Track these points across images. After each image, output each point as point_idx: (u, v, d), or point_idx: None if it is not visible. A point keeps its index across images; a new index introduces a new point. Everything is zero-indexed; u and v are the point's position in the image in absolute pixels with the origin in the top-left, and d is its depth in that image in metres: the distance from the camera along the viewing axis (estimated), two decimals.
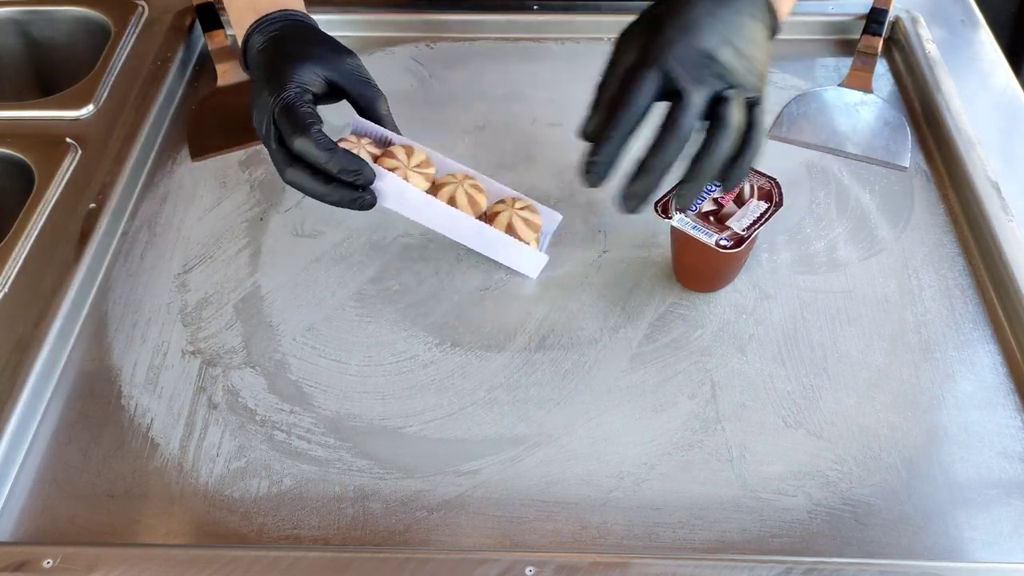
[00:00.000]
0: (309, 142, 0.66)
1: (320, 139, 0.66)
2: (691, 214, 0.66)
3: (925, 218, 0.76)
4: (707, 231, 0.65)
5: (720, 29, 0.62)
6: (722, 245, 0.64)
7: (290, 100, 0.67)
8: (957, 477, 0.60)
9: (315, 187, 0.68)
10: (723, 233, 0.64)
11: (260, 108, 0.68)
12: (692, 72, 0.60)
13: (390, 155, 0.71)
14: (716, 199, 0.66)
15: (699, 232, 0.65)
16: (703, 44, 0.61)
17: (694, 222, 0.65)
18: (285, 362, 0.67)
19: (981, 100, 0.86)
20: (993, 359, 0.67)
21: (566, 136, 0.84)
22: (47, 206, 0.77)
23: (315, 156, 0.66)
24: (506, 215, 0.71)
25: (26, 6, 0.97)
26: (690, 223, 0.65)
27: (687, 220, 0.65)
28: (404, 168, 0.70)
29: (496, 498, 0.60)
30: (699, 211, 0.66)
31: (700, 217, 0.66)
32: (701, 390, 0.65)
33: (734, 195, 0.67)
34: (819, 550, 0.57)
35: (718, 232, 0.64)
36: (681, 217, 0.66)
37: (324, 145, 0.66)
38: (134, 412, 0.65)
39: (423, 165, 0.71)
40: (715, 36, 0.62)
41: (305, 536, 0.58)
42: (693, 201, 0.63)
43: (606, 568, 0.54)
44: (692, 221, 0.65)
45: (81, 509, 0.60)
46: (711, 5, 0.63)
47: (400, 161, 0.71)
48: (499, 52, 0.93)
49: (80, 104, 0.86)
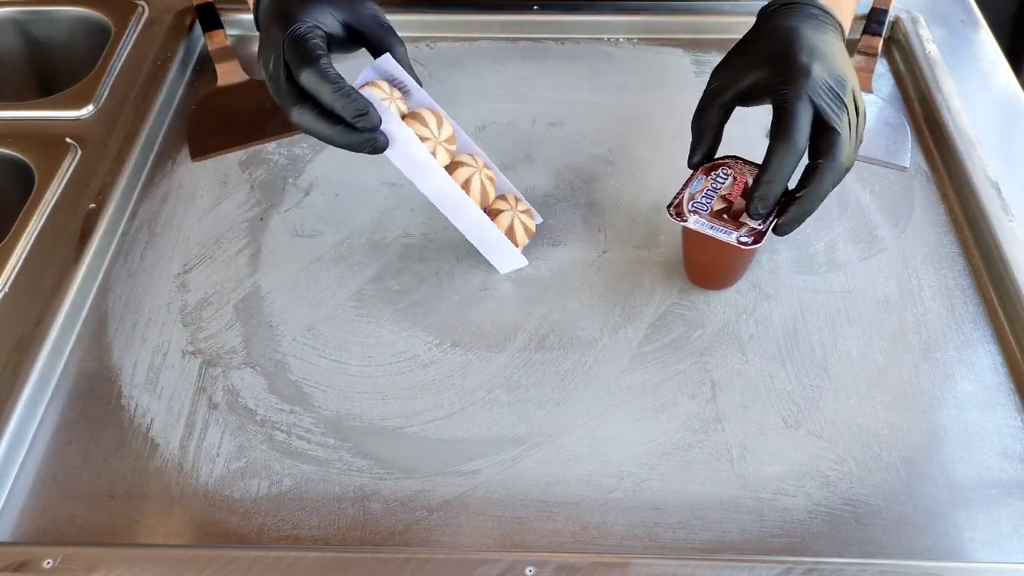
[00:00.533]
0: (317, 74, 0.63)
1: (329, 72, 0.63)
2: (705, 214, 0.65)
3: (925, 218, 0.76)
4: (725, 230, 0.64)
5: (839, 56, 0.65)
6: (743, 242, 0.64)
7: (301, 33, 0.64)
8: (957, 477, 0.60)
9: (322, 127, 0.65)
10: (741, 230, 0.64)
11: (268, 45, 0.66)
12: (834, 102, 0.62)
13: (420, 121, 0.68)
14: (724, 196, 0.66)
15: (718, 232, 0.64)
16: (837, 70, 0.63)
17: (710, 222, 0.65)
18: (285, 362, 0.67)
19: (981, 100, 0.86)
20: (993, 359, 0.67)
21: (566, 136, 0.84)
22: (47, 206, 0.77)
23: (321, 89, 0.63)
24: (508, 215, 0.71)
25: (26, 6, 0.97)
26: (707, 224, 0.65)
27: (703, 221, 0.65)
28: (435, 140, 0.68)
29: (496, 498, 0.60)
30: (711, 210, 0.66)
31: (714, 216, 0.65)
32: (701, 390, 0.65)
33: (740, 190, 0.67)
34: (819, 550, 0.57)
35: (735, 229, 0.64)
36: (697, 218, 0.65)
37: (333, 78, 0.63)
38: (134, 412, 0.65)
39: (449, 141, 0.70)
40: (840, 62, 0.64)
41: (305, 536, 0.58)
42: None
43: (606, 568, 0.54)
44: (708, 221, 0.65)
45: (81, 509, 0.60)
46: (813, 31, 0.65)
47: (431, 131, 0.68)
48: (499, 52, 0.93)
49: (80, 104, 0.86)
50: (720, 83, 0.66)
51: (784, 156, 0.61)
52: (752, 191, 0.63)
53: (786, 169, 0.62)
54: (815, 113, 0.62)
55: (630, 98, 0.87)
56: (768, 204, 0.63)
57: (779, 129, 0.61)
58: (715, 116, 0.66)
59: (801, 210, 0.63)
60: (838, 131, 0.62)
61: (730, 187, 0.67)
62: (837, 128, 0.62)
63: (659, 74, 0.90)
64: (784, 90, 0.62)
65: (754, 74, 0.64)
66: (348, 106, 0.63)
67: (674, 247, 0.74)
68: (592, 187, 0.79)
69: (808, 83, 0.61)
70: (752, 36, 0.68)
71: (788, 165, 0.61)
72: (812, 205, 0.63)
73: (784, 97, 0.62)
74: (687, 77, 0.90)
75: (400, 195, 0.79)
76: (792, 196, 0.64)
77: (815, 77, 0.62)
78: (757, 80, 0.64)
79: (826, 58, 0.64)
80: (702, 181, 0.67)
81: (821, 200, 0.63)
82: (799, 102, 0.61)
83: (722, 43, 0.92)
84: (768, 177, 0.62)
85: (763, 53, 0.65)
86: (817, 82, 0.62)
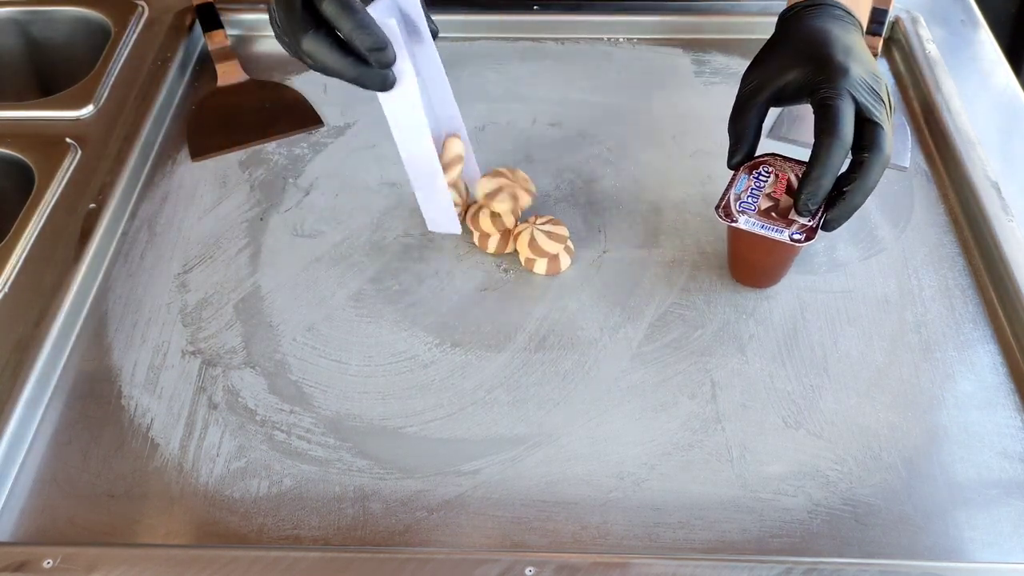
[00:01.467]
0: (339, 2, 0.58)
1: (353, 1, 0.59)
2: (753, 213, 0.66)
3: (925, 218, 0.76)
4: (777, 228, 0.65)
5: (869, 55, 0.67)
6: (796, 239, 0.64)
7: None
8: (957, 477, 0.60)
9: (333, 58, 0.60)
10: (791, 227, 0.65)
11: None
12: (872, 98, 0.63)
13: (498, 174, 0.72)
14: (769, 194, 0.67)
15: (770, 231, 0.65)
16: (870, 68, 0.65)
17: (760, 221, 0.65)
18: (285, 362, 0.67)
19: (981, 100, 0.86)
20: (993, 359, 0.67)
21: (566, 136, 0.84)
22: (47, 206, 0.77)
23: (342, 18, 0.59)
24: (528, 232, 0.71)
25: (26, 6, 0.97)
26: (758, 223, 0.65)
27: (754, 220, 0.65)
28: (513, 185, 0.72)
29: (496, 498, 0.60)
30: (759, 209, 0.66)
31: (762, 215, 0.66)
32: (701, 390, 0.65)
33: (784, 187, 0.67)
34: (819, 550, 0.57)
35: (786, 227, 0.65)
36: (747, 218, 0.65)
37: (356, 7, 0.59)
38: (134, 412, 0.65)
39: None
40: (871, 61, 0.66)
41: (305, 536, 0.58)
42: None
43: (606, 568, 0.54)
44: (758, 220, 0.65)
45: (81, 509, 0.60)
46: (842, 31, 0.67)
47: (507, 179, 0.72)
48: (499, 52, 0.93)
49: (80, 104, 0.86)
50: (756, 84, 0.67)
51: (832, 151, 0.62)
52: (802, 187, 0.63)
53: (835, 164, 0.62)
54: (856, 109, 0.63)
55: (630, 98, 0.87)
56: (818, 200, 0.63)
57: (826, 124, 0.62)
58: (753, 117, 0.67)
59: (850, 204, 0.64)
60: (880, 125, 0.63)
61: (773, 184, 0.67)
62: (879, 121, 0.63)
63: (659, 74, 0.90)
64: (825, 89, 0.63)
65: (790, 74, 0.65)
66: (367, 39, 0.60)
67: (675, 247, 0.74)
68: (592, 187, 0.79)
69: (847, 80, 0.63)
70: (780, 38, 0.69)
71: (837, 160, 0.62)
72: (860, 199, 0.64)
73: (827, 95, 0.63)
74: (687, 77, 0.90)
75: (400, 195, 0.79)
76: (839, 192, 0.64)
77: (853, 75, 0.63)
78: (794, 80, 0.65)
79: (860, 57, 0.65)
80: (746, 180, 0.68)
81: (868, 193, 0.63)
82: (841, 99, 0.62)
83: (722, 43, 0.93)
84: (817, 173, 0.62)
85: (798, 54, 0.66)
86: (856, 79, 0.63)
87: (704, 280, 0.72)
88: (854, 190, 0.63)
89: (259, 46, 0.95)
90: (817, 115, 0.63)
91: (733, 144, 0.68)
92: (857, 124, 0.63)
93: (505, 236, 0.73)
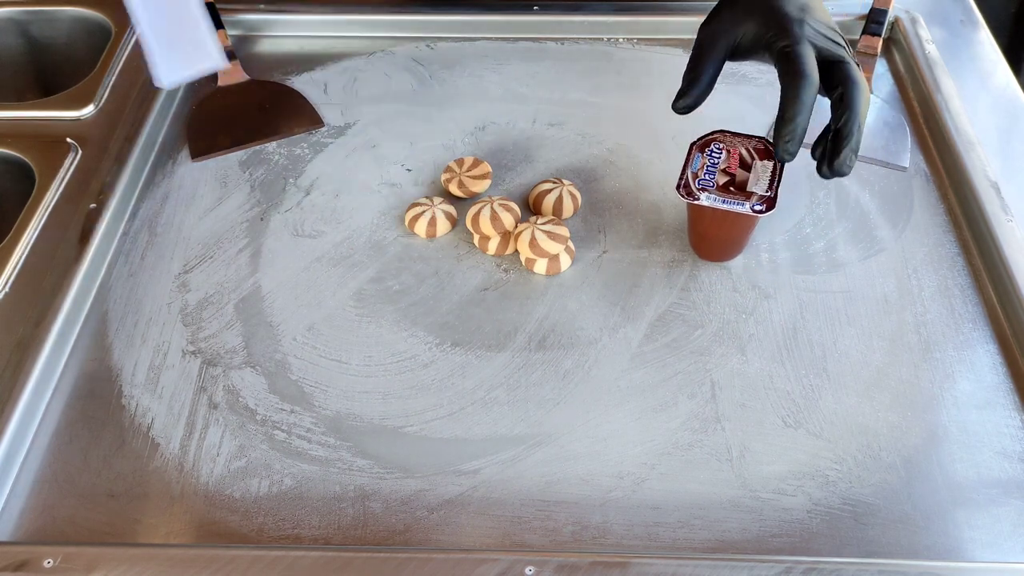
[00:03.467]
0: None
1: None
2: (713, 189, 0.67)
3: (925, 218, 0.77)
4: (737, 201, 0.66)
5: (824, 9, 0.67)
6: (757, 210, 0.66)
7: None
8: (956, 477, 0.60)
9: None
10: (751, 200, 0.66)
11: None
12: (832, 44, 0.63)
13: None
14: (724, 170, 0.68)
15: (732, 205, 0.66)
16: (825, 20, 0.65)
17: (721, 196, 0.67)
18: (285, 362, 0.67)
19: (981, 100, 0.86)
20: (993, 359, 0.67)
21: (566, 136, 0.84)
22: (47, 206, 0.77)
23: None
24: (528, 232, 0.71)
25: (26, 6, 0.97)
26: (718, 198, 0.67)
27: (714, 196, 0.67)
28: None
29: (496, 498, 0.60)
30: (717, 185, 0.67)
31: (722, 191, 0.67)
32: (701, 390, 0.65)
33: (737, 162, 0.68)
34: (819, 550, 0.57)
35: (746, 200, 0.66)
36: (707, 195, 0.67)
37: None
38: (134, 412, 0.65)
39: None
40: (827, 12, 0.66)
41: (305, 536, 0.58)
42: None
43: (606, 568, 0.55)
44: (719, 196, 0.67)
45: (81, 509, 0.60)
46: None
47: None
48: (499, 52, 0.93)
49: (80, 104, 0.86)
50: (711, 36, 0.67)
51: (802, 87, 0.61)
52: (779, 131, 0.62)
53: (807, 101, 0.61)
54: (818, 54, 0.63)
55: (630, 98, 0.88)
56: (797, 141, 0.62)
57: (788, 66, 0.62)
58: (709, 66, 0.67)
59: (849, 140, 0.62)
60: (846, 60, 0.63)
61: (727, 160, 0.69)
62: (844, 58, 0.63)
63: (659, 74, 0.90)
64: (781, 39, 0.63)
65: (746, 26, 0.65)
66: None
67: (674, 247, 0.74)
68: (592, 187, 0.79)
69: (803, 30, 0.63)
70: None
71: (808, 97, 0.61)
72: (856, 132, 0.62)
73: (784, 44, 0.63)
74: None
75: (400, 195, 0.79)
76: (835, 135, 0.63)
77: (809, 24, 0.63)
78: (750, 31, 0.65)
79: (815, 11, 0.65)
80: (700, 159, 0.69)
81: (862, 124, 0.62)
82: (800, 45, 0.62)
83: None
84: (792, 113, 0.62)
85: (752, 6, 0.66)
86: (812, 29, 0.63)
87: (704, 280, 0.72)
88: (847, 124, 0.62)
89: (259, 46, 0.95)
90: (779, 64, 0.63)
91: (684, 87, 0.67)
92: (823, 68, 0.62)
93: (505, 238, 0.73)
